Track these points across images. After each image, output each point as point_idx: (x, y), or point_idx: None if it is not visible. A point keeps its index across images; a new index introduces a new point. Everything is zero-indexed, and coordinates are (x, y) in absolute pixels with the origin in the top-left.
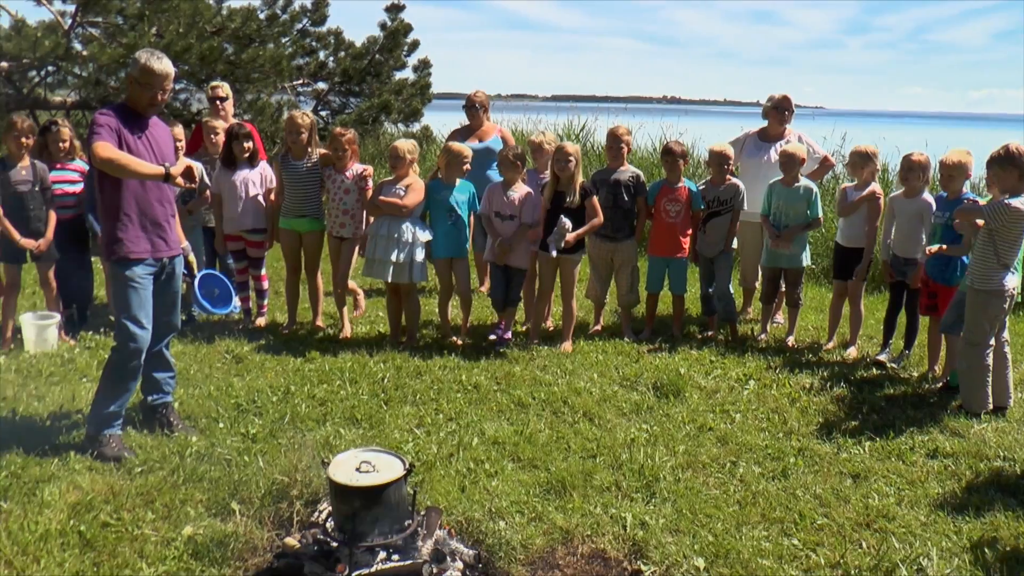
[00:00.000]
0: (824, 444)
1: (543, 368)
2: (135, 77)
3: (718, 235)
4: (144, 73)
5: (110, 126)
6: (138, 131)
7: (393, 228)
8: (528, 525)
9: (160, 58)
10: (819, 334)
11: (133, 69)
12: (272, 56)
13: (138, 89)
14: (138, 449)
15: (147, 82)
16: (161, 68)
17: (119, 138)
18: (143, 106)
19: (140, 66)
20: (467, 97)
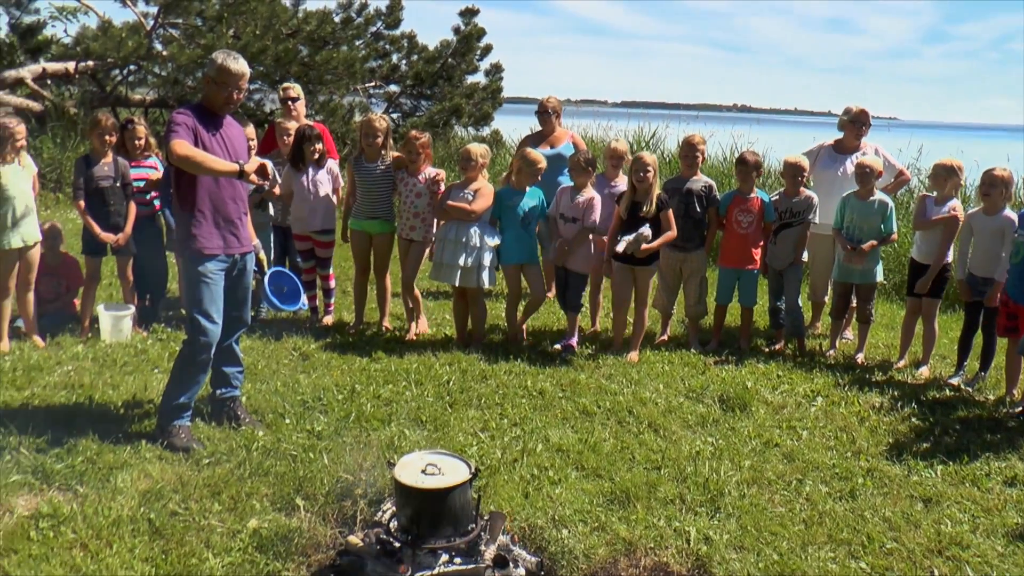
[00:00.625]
0: (894, 466)
1: (609, 377)
2: (212, 77)
3: (788, 247)
4: (221, 73)
5: (187, 124)
6: (213, 129)
7: (461, 232)
8: (591, 535)
9: (236, 58)
10: (890, 352)
11: (210, 69)
12: (346, 58)
13: (214, 88)
14: (206, 441)
15: (223, 81)
16: (237, 68)
17: (195, 136)
18: (219, 105)
19: (217, 66)
20: (540, 103)
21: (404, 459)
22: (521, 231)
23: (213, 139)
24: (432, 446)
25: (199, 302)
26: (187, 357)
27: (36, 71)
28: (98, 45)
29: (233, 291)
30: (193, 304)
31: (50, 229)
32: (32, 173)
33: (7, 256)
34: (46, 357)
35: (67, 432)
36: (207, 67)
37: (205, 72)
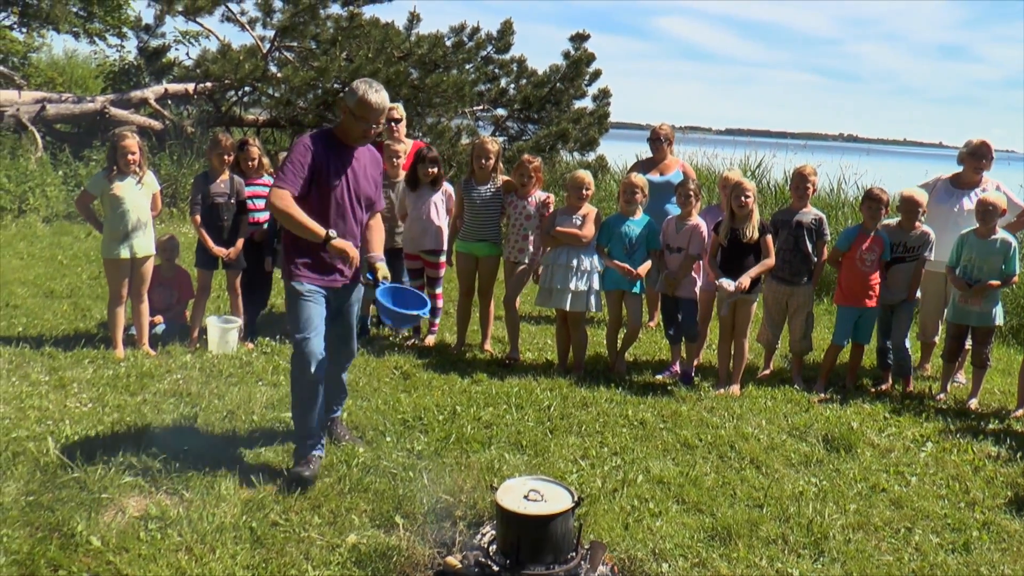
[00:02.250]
0: (1013, 520)
1: (710, 410)
2: (350, 108)
3: (902, 283)
4: (361, 106)
5: (301, 163)
6: (339, 162)
7: (571, 257)
8: (692, 570)
9: (378, 91)
10: (1006, 399)
11: (349, 100)
12: (455, 82)
13: (351, 120)
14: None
15: (362, 115)
16: (378, 102)
17: (314, 168)
18: (354, 138)
19: (357, 98)
20: (652, 130)
21: (507, 483)
22: (625, 258)
23: (333, 171)
24: (532, 471)
25: (297, 324)
26: (297, 380)
27: (159, 91)
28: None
29: (337, 320)
30: (293, 327)
31: (168, 240)
32: (153, 191)
33: (119, 265)
34: (157, 365)
35: (175, 438)
36: (346, 97)
37: (343, 101)
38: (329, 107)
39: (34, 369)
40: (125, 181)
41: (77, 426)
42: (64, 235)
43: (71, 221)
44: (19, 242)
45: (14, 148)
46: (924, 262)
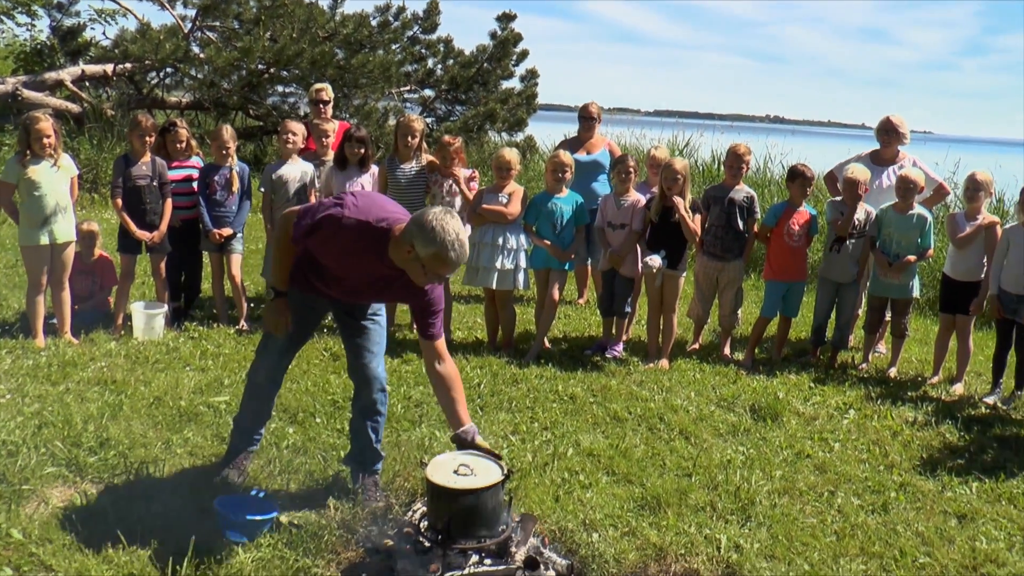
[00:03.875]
0: (927, 481)
1: (640, 383)
2: (420, 256)
3: (852, 260)
4: (436, 263)
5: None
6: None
7: (497, 235)
8: (622, 539)
9: (457, 245)
10: (923, 367)
11: (420, 244)
12: (382, 62)
13: (417, 267)
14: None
15: (433, 271)
16: (455, 263)
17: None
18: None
19: (432, 252)
20: (584, 107)
21: (436, 459)
22: (553, 236)
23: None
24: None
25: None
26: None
27: (75, 73)
28: (136, 47)
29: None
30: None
31: (87, 229)
32: (71, 175)
33: (37, 253)
34: (80, 353)
35: (100, 427)
36: (416, 233)
37: (411, 236)
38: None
39: None
40: (40, 165)
41: None
42: None
43: None
44: None
45: None
46: (871, 240)
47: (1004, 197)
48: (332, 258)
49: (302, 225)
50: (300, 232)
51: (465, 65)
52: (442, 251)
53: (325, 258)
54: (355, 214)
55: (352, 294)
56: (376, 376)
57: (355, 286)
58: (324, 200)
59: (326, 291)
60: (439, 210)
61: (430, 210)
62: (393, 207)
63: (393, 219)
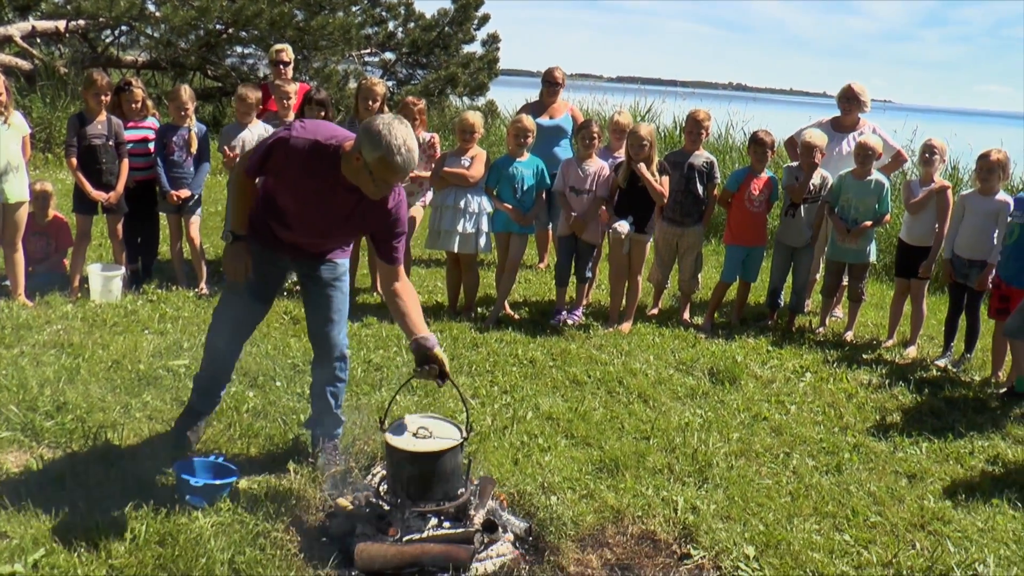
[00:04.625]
0: (880, 442)
1: (599, 347)
2: (367, 162)
3: (807, 225)
4: (382, 167)
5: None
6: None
7: (459, 198)
8: (579, 502)
9: (404, 150)
10: (878, 331)
11: (367, 149)
12: (341, 24)
13: (364, 174)
14: None
15: (382, 177)
16: (404, 165)
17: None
18: (360, 186)
19: (379, 157)
20: (549, 72)
21: (395, 422)
22: (514, 200)
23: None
24: (423, 412)
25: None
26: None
27: (25, 29)
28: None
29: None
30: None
31: (40, 189)
32: (22, 133)
33: None
34: (35, 316)
35: (57, 390)
36: (363, 139)
37: (359, 144)
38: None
39: None
40: None
41: None
42: None
43: None
44: None
45: None
46: (825, 205)
47: (959, 165)
48: (288, 189)
49: (255, 158)
50: (254, 164)
51: (426, 28)
52: (387, 155)
53: (282, 194)
54: (304, 134)
55: (315, 233)
56: (336, 343)
57: (315, 222)
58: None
59: (289, 237)
60: (388, 116)
61: (379, 115)
62: (343, 132)
63: (342, 136)
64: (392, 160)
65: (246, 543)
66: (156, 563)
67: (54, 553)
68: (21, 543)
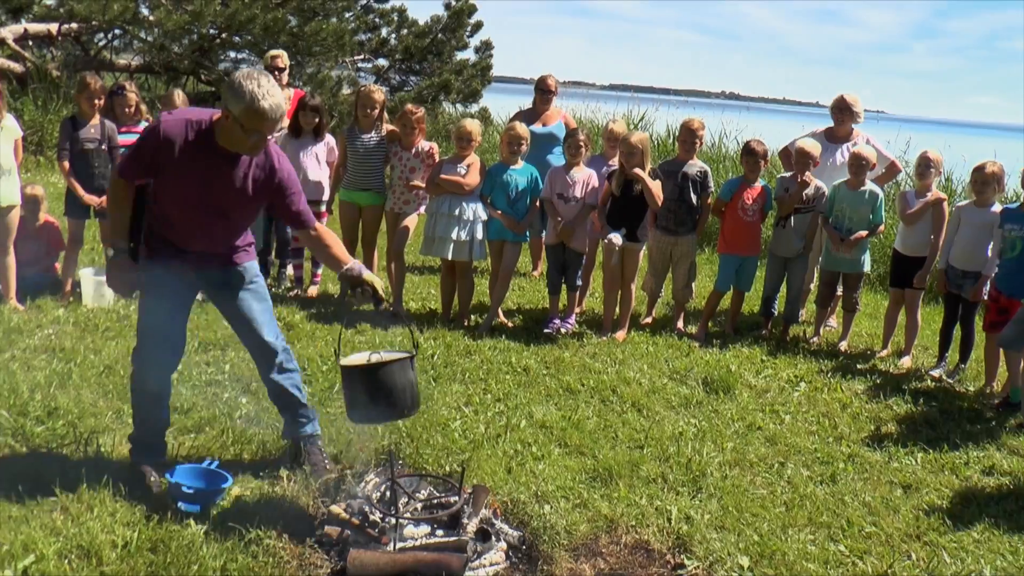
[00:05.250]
0: (875, 452)
1: (593, 356)
2: (235, 115)
3: (799, 235)
4: (251, 116)
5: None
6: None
7: (454, 206)
8: (573, 511)
9: (270, 93)
10: (873, 341)
11: (233, 104)
12: (335, 30)
13: (237, 131)
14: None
15: (253, 127)
16: (273, 108)
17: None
18: (236, 147)
19: (245, 107)
20: (542, 79)
21: (350, 357)
22: (508, 208)
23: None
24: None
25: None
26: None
27: (17, 31)
28: (83, 7)
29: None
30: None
31: (32, 193)
32: (14, 136)
33: None
34: (26, 320)
35: (48, 395)
36: (229, 98)
37: (224, 103)
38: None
39: None
40: None
41: None
42: None
43: None
44: None
45: None
46: (819, 215)
47: (952, 176)
48: (173, 185)
49: (130, 157)
50: (130, 164)
51: (419, 35)
52: (252, 102)
53: (169, 196)
54: (172, 118)
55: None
56: (273, 344)
57: (211, 210)
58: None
59: (193, 244)
60: (246, 69)
61: (237, 71)
62: (209, 110)
63: (209, 112)
64: (259, 106)
65: (238, 550)
66: (148, 570)
67: (44, 560)
68: (11, 549)
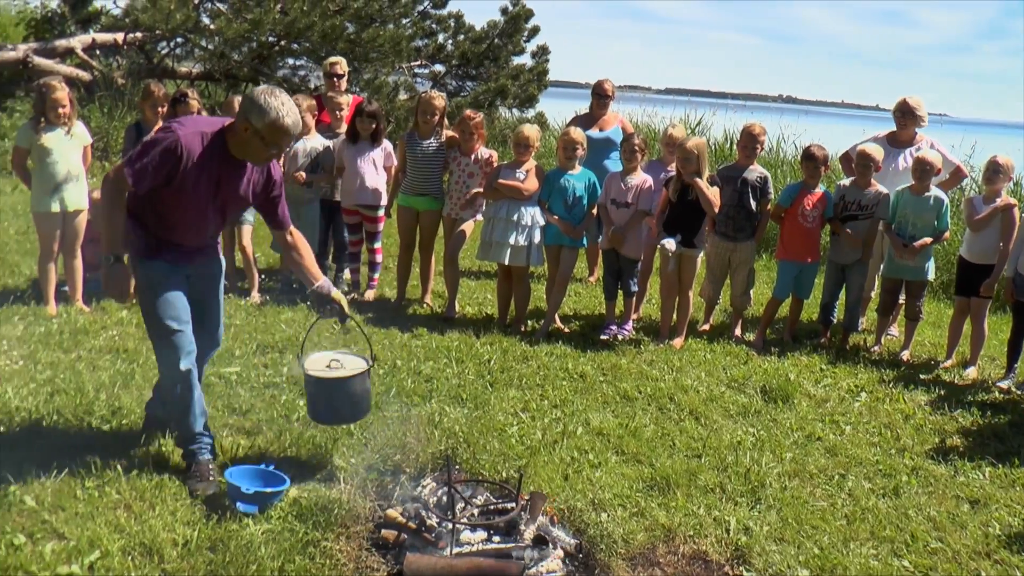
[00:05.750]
0: (939, 465)
1: (650, 363)
2: (257, 129)
3: (855, 242)
4: (272, 130)
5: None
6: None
7: (512, 211)
8: (630, 519)
9: (291, 111)
10: (936, 351)
11: (255, 118)
12: (392, 36)
13: (256, 142)
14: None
15: (273, 140)
16: (293, 124)
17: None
18: (252, 158)
19: (269, 122)
20: (599, 84)
21: (312, 356)
22: (565, 213)
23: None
24: (472, 424)
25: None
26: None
27: (86, 41)
28: (147, 17)
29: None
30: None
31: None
32: (84, 143)
33: (48, 219)
34: (92, 321)
35: (112, 395)
36: (251, 112)
37: (246, 116)
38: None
39: None
40: (54, 133)
41: (8, 384)
42: None
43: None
44: None
45: None
46: (879, 221)
47: (1021, 181)
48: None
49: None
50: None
51: (476, 40)
52: (278, 119)
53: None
54: (188, 130)
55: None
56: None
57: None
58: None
59: (191, 240)
60: (264, 86)
61: (256, 88)
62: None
63: (217, 121)
64: (283, 123)
65: (296, 552)
66: (207, 569)
67: (109, 556)
68: (78, 545)
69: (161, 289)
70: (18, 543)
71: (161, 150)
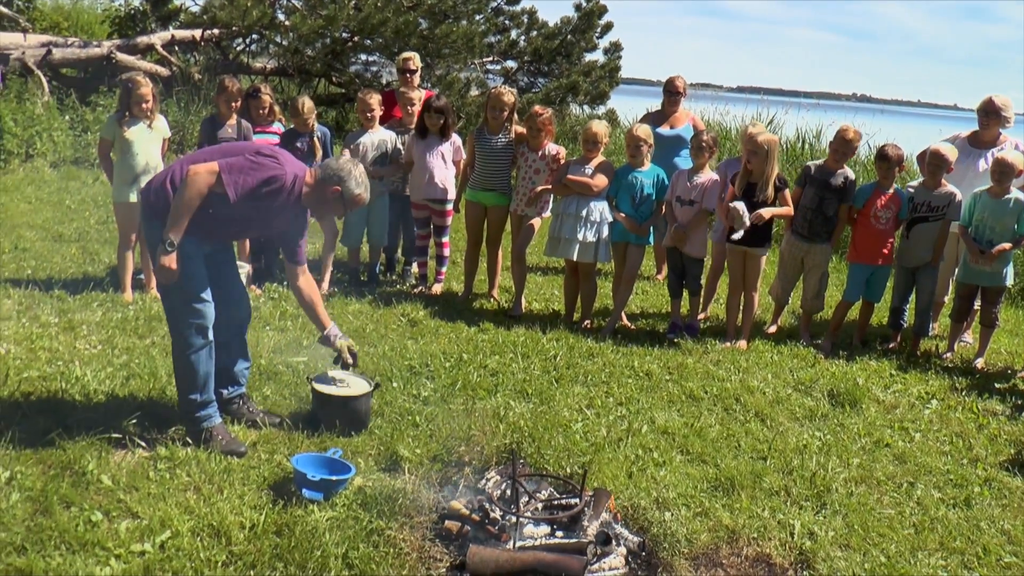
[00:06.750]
0: (1015, 477)
1: (716, 363)
2: (344, 196)
3: (925, 244)
4: (355, 202)
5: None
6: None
7: (581, 207)
8: (694, 519)
9: (367, 188)
10: (1013, 359)
11: (349, 188)
12: (465, 32)
13: (337, 204)
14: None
15: (351, 207)
16: (365, 199)
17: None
18: (320, 212)
19: (353, 197)
20: (670, 81)
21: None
22: (632, 210)
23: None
24: (537, 419)
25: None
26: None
27: (165, 38)
28: (224, 14)
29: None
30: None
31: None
32: (163, 136)
33: (127, 209)
34: None
35: None
36: (348, 182)
37: (339, 183)
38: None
39: (44, 311)
40: (137, 126)
41: (87, 367)
42: (71, 180)
43: (79, 166)
44: (27, 186)
45: (20, 92)
46: (949, 223)
47: None
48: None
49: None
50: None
51: (548, 37)
52: (364, 192)
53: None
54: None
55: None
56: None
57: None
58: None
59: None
60: (347, 160)
61: (343, 161)
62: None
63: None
64: (363, 195)
65: (360, 539)
66: (273, 552)
67: (179, 536)
68: (151, 524)
69: (190, 263)
70: (95, 520)
71: (266, 179)
